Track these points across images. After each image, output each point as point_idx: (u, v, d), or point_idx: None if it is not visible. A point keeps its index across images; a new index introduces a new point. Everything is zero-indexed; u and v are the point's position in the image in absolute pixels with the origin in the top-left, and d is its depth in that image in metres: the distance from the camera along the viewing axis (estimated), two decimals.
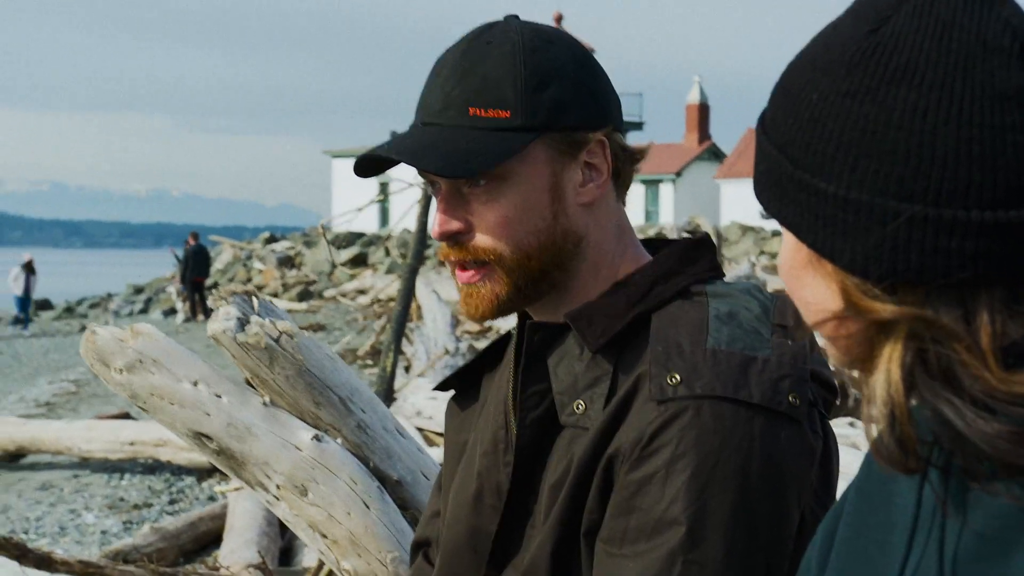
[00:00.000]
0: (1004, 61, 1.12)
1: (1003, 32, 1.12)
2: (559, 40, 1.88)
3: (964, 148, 1.10)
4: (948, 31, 1.13)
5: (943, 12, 1.14)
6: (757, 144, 1.27)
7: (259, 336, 3.11)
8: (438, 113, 1.84)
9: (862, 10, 1.19)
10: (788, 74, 1.24)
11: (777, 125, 1.23)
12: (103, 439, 11.43)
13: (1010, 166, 1.10)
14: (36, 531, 9.92)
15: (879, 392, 1.15)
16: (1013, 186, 1.11)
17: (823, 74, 1.18)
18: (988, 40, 1.12)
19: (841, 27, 1.20)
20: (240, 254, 43.43)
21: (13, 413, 16.22)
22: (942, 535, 1.19)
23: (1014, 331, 1.14)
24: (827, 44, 1.20)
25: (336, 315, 26.05)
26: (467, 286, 1.89)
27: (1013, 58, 1.12)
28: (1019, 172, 1.11)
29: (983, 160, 1.10)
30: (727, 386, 1.72)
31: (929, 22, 1.13)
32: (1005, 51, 1.12)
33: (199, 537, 8.82)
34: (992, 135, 1.10)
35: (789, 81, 1.23)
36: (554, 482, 1.82)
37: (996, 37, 1.12)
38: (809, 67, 1.21)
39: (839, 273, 1.18)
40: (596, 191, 1.88)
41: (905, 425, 1.15)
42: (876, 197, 1.13)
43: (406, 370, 13.36)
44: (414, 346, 13.69)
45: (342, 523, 3.18)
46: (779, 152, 1.22)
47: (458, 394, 2.12)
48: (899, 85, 1.13)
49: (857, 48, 1.16)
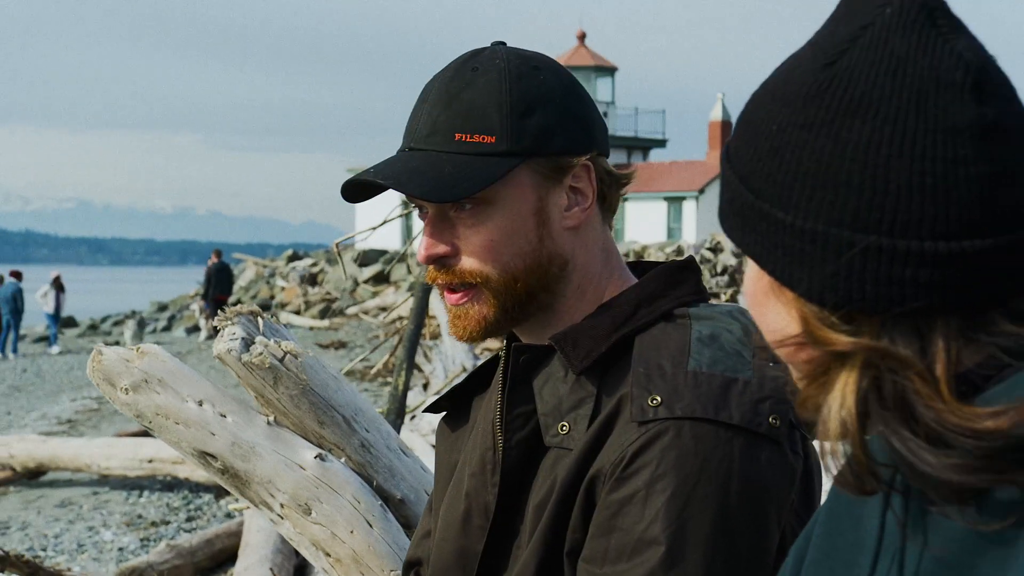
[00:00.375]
0: (957, 96, 1.14)
1: (956, 67, 1.14)
2: (545, 66, 1.91)
3: (917, 180, 1.13)
4: (902, 66, 1.15)
5: (898, 47, 1.16)
6: (721, 174, 1.29)
7: (263, 356, 3.13)
8: (425, 138, 1.87)
9: (820, 43, 1.21)
10: (751, 105, 1.26)
11: (740, 155, 1.25)
12: (122, 456, 11.46)
13: (962, 198, 1.12)
14: (55, 548, 9.95)
15: (833, 418, 1.18)
16: (965, 218, 1.13)
17: (782, 106, 1.21)
18: (941, 75, 1.14)
19: (801, 60, 1.22)
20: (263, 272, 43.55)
21: (35, 430, 16.30)
22: (902, 558, 1.21)
23: (969, 359, 1.16)
24: (787, 76, 1.22)
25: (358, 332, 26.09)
26: (455, 308, 1.92)
27: (966, 93, 1.14)
28: (971, 204, 1.13)
29: (936, 192, 1.12)
30: (707, 408, 1.74)
31: (884, 56, 1.16)
32: (957, 86, 1.14)
33: (215, 554, 8.83)
34: (944, 168, 1.12)
35: (751, 112, 1.25)
36: (538, 502, 1.84)
37: (949, 72, 1.14)
38: (770, 99, 1.23)
39: (798, 301, 1.20)
40: (581, 215, 1.90)
41: (858, 450, 1.17)
42: (832, 227, 1.16)
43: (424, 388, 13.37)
44: (432, 364, 13.71)
45: (345, 541, 3.19)
46: (740, 182, 1.24)
47: (449, 415, 2.14)
48: (854, 118, 1.15)
49: (814, 81, 1.18)
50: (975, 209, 1.13)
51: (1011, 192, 1.14)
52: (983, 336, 1.16)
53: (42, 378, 24.93)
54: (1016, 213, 1.14)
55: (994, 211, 1.13)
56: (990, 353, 1.16)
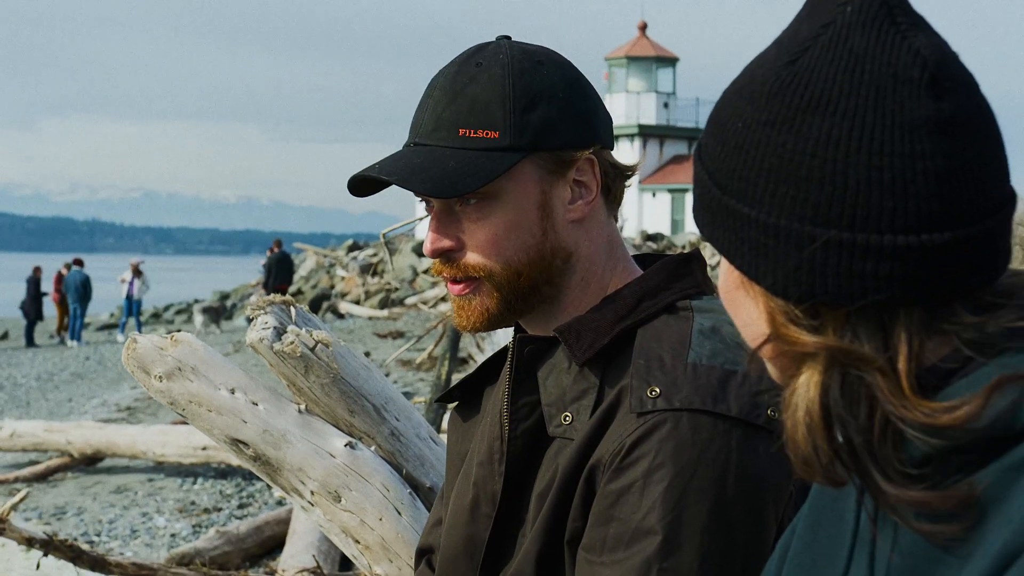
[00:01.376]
0: (914, 92, 1.15)
1: (914, 63, 1.16)
2: (549, 61, 1.93)
3: (876, 175, 1.14)
4: (860, 63, 1.16)
5: (857, 44, 1.17)
6: (694, 171, 1.31)
7: (295, 345, 3.17)
8: (429, 134, 1.90)
9: (784, 42, 1.23)
10: (720, 102, 1.28)
11: (709, 152, 1.27)
12: (177, 444, 11.55)
13: (920, 192, 1.14)
14: (108, 533, 10.06)
15: (800, 412, 1.20)
16: (923, 212, 1.14)
17: (747, 103, 1.23)
18: (899, 71, 1.16)
19: (766, 58, 1.24)
20: (323, 261, 43.73)
21: (95, 417, 16.48)
22: (874, 551, 1.23)
23: (933, 351, 1.18)
24: (753, 74, 1.24)
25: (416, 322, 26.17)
26: (458, 299, 1.94)
27: (923, 89, 1.15)
28: (929, 198, 1.14)
29: (894, 187, 1.14)
30: (705, 399, 1.75)
31: (843, 54, 1.17)
32: (915, 82, 1.15)
33: (264, 541, 8.88)
34: (902, 163, 1.14)
35: (720, 109, 1.28)
36: (540, 491, 1.87)
37: (907, 68, 1.16)
38: (736, 96, 1.25)
39: (765, 295, 1.23)
40: (585, 208, 1.92)
41: (823, 443, 1.19)
42: (794, 222, 1.18)
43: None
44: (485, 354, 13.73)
45: (374, 529, 3.23)
46: (709, 178, 1.26)
47: (461, 405, 2.17)
48: (814, 114, 1.17)
49: (776, 78, 1.21)
50: (933, 203, 1.14)
51: (969, 186, 1.15)
52: (946, 327, 1.17)
53: (104, 366, 25.21)
54: (975, 207, 1.16)
55: (952, 205, 1.15)
56: (955, 347, 1.17)
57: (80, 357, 27.56)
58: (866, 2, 1.18)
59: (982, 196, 1.16)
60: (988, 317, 1.18)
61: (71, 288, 31.77)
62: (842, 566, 1.28)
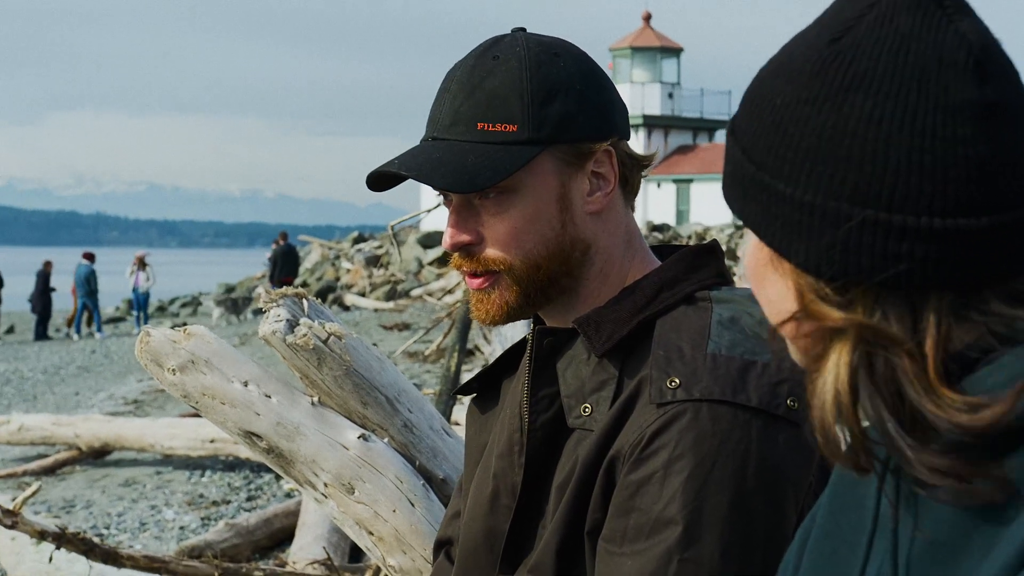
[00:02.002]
0: (958, 75, 1.15)
1: (959, 47, 1.16)
2: (565, 53, 1.93)
3: (916, 157, 1.14)
4: (906, 44, 1.16)
5: (902, 25, 1.17)
6: (726, 146, 1.31)
7: (308, 338, 3.17)
8: (447, 128, 1.90)
9: (827, 20, 1.23)
10: (756, 80, 1.28)
11: (743, 128, 1.27)
12: (185, 437, 11.55)
13: (959, 177, 1.14)
14: (117, 526, 10.07)
15: (828, 391, 1.20)
16: (962, 195, 1.14)
17: (786, 81, 1.23)
18: (944, 54, 1.16)
19: (807, 36, 1.24)
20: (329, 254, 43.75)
21: (102, 410, 16.48)
22: (895, 539, 1.23)
23: (960, 338, 1.17)
24: (792, 52, 1.24)
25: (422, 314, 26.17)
26: (477, 292, 1.94)
27: (967, 73, 1.15)
28: (968, 183, 1.14)
29: (934, 170, 1.14)
30: (725, 390, 1.76)
31: (888, 34, 1.17)
32: (959, 66, 1.15)
33: (273, 534, 8.88)
34: (943, 146, 1.14)
35: (756, 87, 1.27)
36: (560, 482, 1.87)
37: (952, 52, 1.16)
38: (774, 74, 1.25)
39: (795, 272, 1.22)
40: (604, 199, 1.93)
41: (853, 424, 1.19)
42: (830, 200, 1.17)
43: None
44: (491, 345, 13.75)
45: (388, 520, 3.23)
46: (743, 154, 1.26)
47: (479, 397, 2.17)
48: (856, 94, 1.17)
49: (819, 57, 1.20)
50: (972, 188, 1.14)
51: (1009, 173, 1.15)
52: (975, 315, 1.17)
53: (110, 359, 25.20)
54: (1013, 194, 1.16)
55: (991, 191, 1.15)
56: (981, 334, 1.17)
57: (86, 351, 27.58)
58: None
59: (1021, 184, 1.16)
60: (1019, 308, 1.18)
61: (78, 282, 31.83)
62: (862, 553, 1.27)
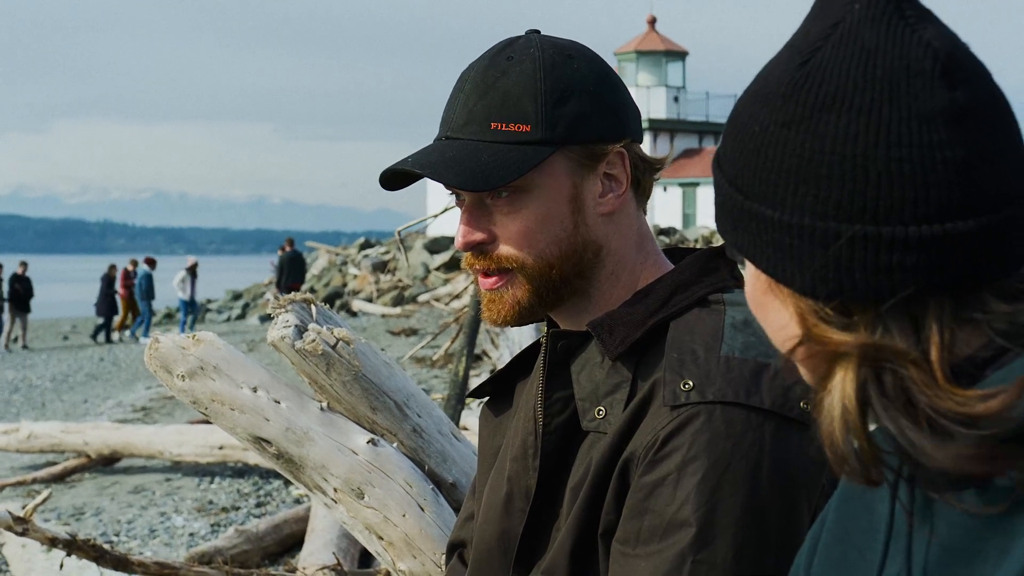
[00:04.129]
0: (927, 83, 1.16)
1: (925, 55, 1.17)
2: (579, 55, 1.93)
3: (895, 167, 1.15)
4: (872, 58, 1.17)
5: (867, 40, 1.18)
6: (714, 179, 1.32)
7: (316, 343, 3.17)
8: (461, 127, 1.90)
9: (796, 44, 1.24)
10: (736, 109, 1.29)
11: (728, 159, 1.28)
12: (194, 443, 11.55)
13: (940, 182, 1.15)
14: (127, 533, 10.07)
15: (836, 408, 1.19)
16: (945, 201, 1.15)
17: (763, 106, 1.24)
18: (911, 64, 1.16)
19: (779, 61, 1.25)
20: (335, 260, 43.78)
21: (111, 418, 16.51)
22: (910, 544, 1.23)
23: (965, 341, 1.18)
24: (767, 78, 1.26)
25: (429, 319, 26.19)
26: (489, 292, 1.94)
27: (936, 79, 1.16)
28: (949, 187, 1.15)
29: (914, 177, 1.15)
30: (739, 392, 1.75)
31: (854, 51, 1.18)
32: (927, 73, 1.16)
33: (283, 539, 8.89)
34: (921, 153, 1.15)
35: (736, 116, 1.29)
36: (574, 485, 1.87)
37: (919, 60, 1.16)
38: (751, 101, 1.26)
39: (794, 297, 1.23)
40: (616, 201, 1.92)
41: (862, 441, 1.19)
42: (817, 220, 1.18)
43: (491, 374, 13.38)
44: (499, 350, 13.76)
45: (397, 525, 3.23)
46: (730, 184, 1.27)
47: (492, 400, 2.17)
48: (830, 112, 1.18)
49: (790, 80, 1.21)
50: (954, 191, 1.15)
51: (989, 173, 1.16)
52: (977, 317, 1.17)
53: (119, 366, 25.24)
54: (996, 194, 1.16)
55: (973, 192, 1.15)
56: (988, 336, 1.18)
57: (95, 358, 27.63)
58: None
59: (1003, 183, 1.16)
60: (1019, 305, 1.18)
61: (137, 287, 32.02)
62: (876, 559, 1.27)
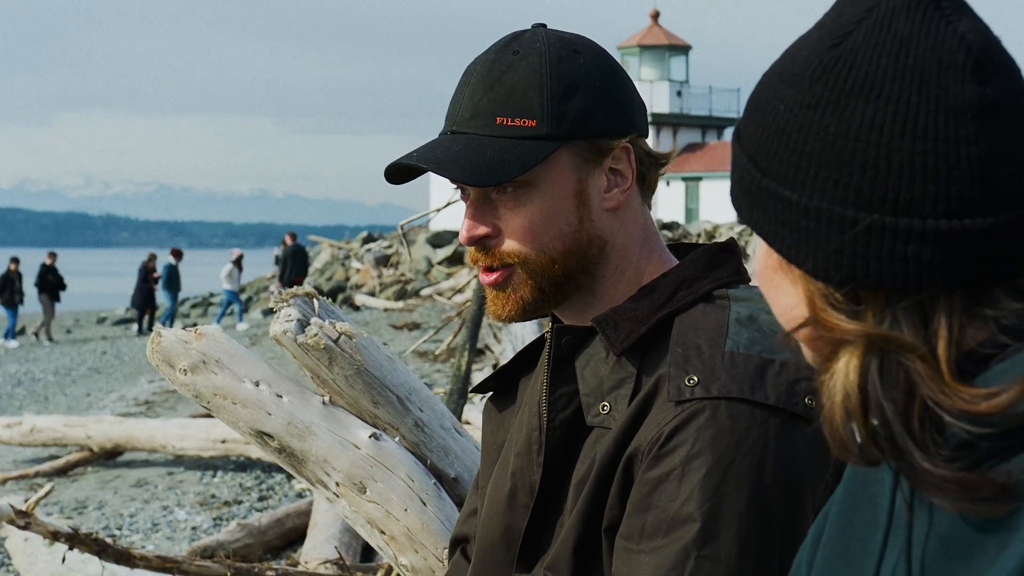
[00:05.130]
0: (958, 76, 1.15)
1: (958, 48, 1.16)
2: (585, 50, 1.92)
3: (919, 160, 1.14)
4: (905, 47, 1.16)
5: (901, 28, 1.17)
6: (732, 154, 1.31)
7: (318, 337, 3.17)
8: (466, 122, 1.89)
9: (827, 25, 1.23)
10: (760, 84, 1.28)
11: (749, 135, 1.27)
12: (196, 437, 11.56)
13: (963, 177, 1.14)
14: (129, 527, 10.08)
15: (838, 395, 1.20)
16: (966, 196, 1.14)
17: (789, 86, 1.22)
18: (943, 56, 1.15)
19: (807, 41, 1.24)
20: (338, 254, 43.78)
21: (113, 412, 16.52)
22: (909, 535, 1.23)
23: (972, 336, 1.17)
24: (795, 57, 1.24)
25: (432, 313, 26.20)
26: (492, 288, 1.94)
27: (967, 73, 1.15)
28: (971, 183, 1.14)
29: (937, 171, 1.14)
30: (743, 388, 1.75)
31: (887, 38, 1.17)
32: (959, 67, 1.15)
33: (285, 533, 8.89)
34: (946, 148, 1.14)
35: (760, 91, 1.27)
36: (578, 480, 1.87)
37: (951, 53, 1.15)
38: (777, 79, 1.25)
39: (804, 278, 1.22)
40: (621, 196, 1.92)
41: (862, 426, 1.19)
42: (836, 206, 1.17)
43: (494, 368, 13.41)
44: (502, 344, 13.76)
45: (400, 519, 3.23)
46: (749, 161, 1.26)
47: (496, 396, 2.17)
48: (858, 98, 1.17)
49: (820, 62, 1.20)
50: (976, 188, 1.14)
51: (1012, 171, 1.15)
52: (987, 313, 1.17)
53: (121, 360, 25.26)
54: (1017, 192, 1.15)
55: (995, 190, 1.14)
56: (993, 332, 1.17)
57: (97, 352, 27.65)
58: None
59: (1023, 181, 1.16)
60: None
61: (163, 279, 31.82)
62: (877, 551, 1.27)
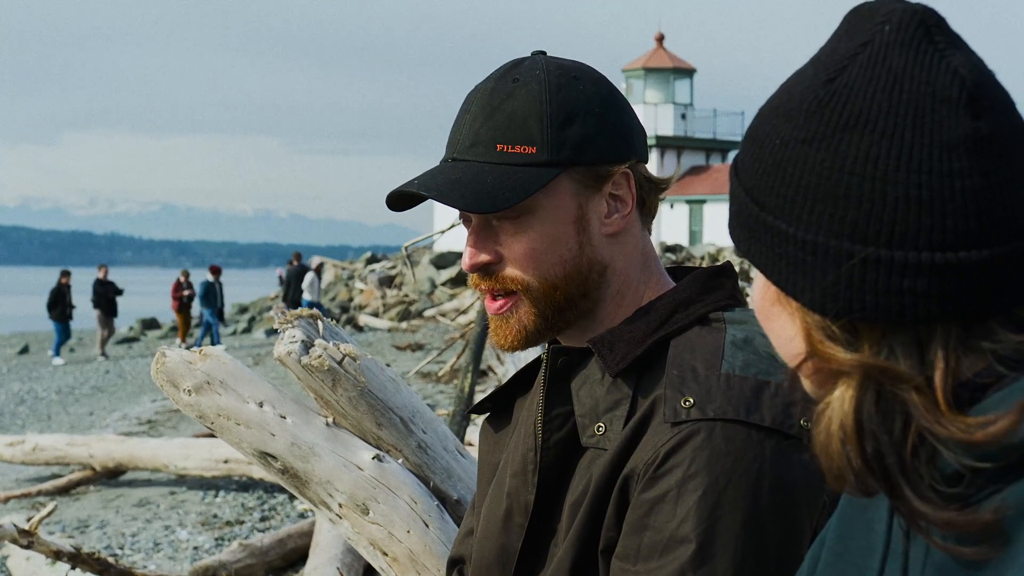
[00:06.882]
0: (952, 111, 1.16)
1: (951, 83, 1.17)
2: (584, 76, 1.94)
3: (914, 193, 1.15)
4: (899, 82, 1.18)
5: (895, 63, 1.19)
6: (730, 187, 1.32)
7: (323, 359, 3.19)
8: (467, 149, 1.91)
9: (822, 60, 1.25)
10: (757, 120, 1.30)
11: (746, 169, 1.29)
12: (199, 457, 11.53)
13: (958, 210, 1.15)
14: (131, 546, 10.06)
15: (833, 425, 1.21)
16: (961, 229, 1.15)
17: (785, 121, 1.24)
18: (937, 90, 1.17)
19: (803, 76, 1.26)
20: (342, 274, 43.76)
21: (116, 430, 16.51)
22: (906, 563, 1.24)
23: (968, 367, 1.18)
24: (790, 92, 1.26)
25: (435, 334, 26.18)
26: (496, 318, 1.96)
27: (960, 108, 1.16)
28: (966, 216, 1.15)
29: (932, 204, 1.15)
30: (739, 409, 1.77)
31: (881, 73, 1.19)
32: (953, 101, 1.16)
33: (287, 554, 8.87)
34: (940, 181, 1.15)
35: (757, 127, 1.29)
36: (574, 501, 1.88)
37: (944, 88, 1.17)
38: (773, 114, 1.26)
39: (802, 311, 1.24)
40: (621, 221, 1.94)
41: (856, 456, 1.20)
42: (832, 239, 1.19)
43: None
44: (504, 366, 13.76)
45: (402, 541, 3.24)
46: (746, 195, 1.28)
47: (492, 416, 2.18)
48: (852, 132, 1.18)
49: (815, 97, 1.22)
50: (971, 221, 1.15)
51: (1006, 204, 1.16)
52: (983, 345, 1.18)
53: (124, 379, 25.23)
54: (1012, 225, 1.16)
55: (990, 223, 1.15)
56: (990, 362, 1.18)
57: (100, 371, 27.63)
58: (904, 21, 1.20)
59: (1019, 214, 1.17)
60: None
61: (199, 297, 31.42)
62: None
